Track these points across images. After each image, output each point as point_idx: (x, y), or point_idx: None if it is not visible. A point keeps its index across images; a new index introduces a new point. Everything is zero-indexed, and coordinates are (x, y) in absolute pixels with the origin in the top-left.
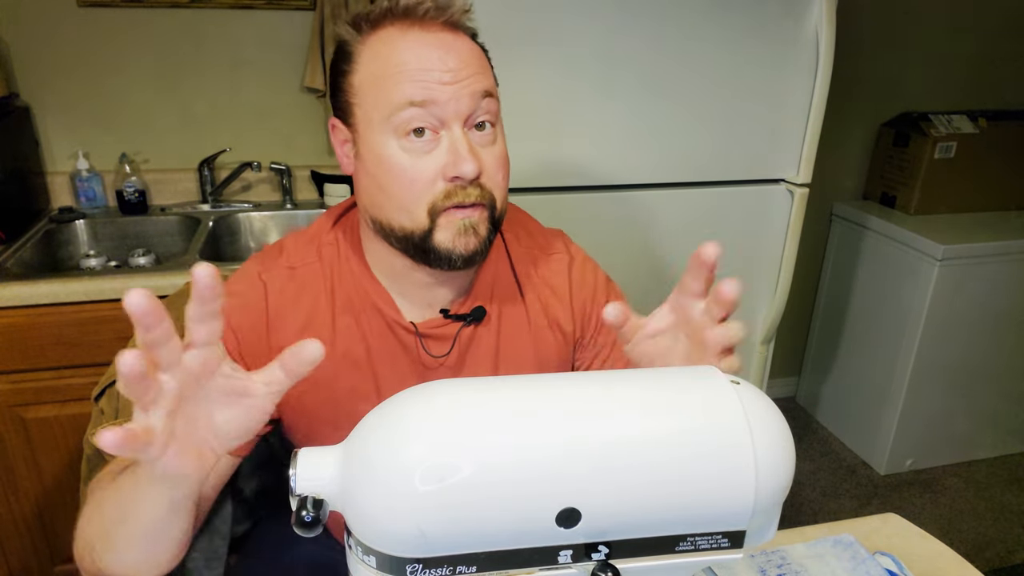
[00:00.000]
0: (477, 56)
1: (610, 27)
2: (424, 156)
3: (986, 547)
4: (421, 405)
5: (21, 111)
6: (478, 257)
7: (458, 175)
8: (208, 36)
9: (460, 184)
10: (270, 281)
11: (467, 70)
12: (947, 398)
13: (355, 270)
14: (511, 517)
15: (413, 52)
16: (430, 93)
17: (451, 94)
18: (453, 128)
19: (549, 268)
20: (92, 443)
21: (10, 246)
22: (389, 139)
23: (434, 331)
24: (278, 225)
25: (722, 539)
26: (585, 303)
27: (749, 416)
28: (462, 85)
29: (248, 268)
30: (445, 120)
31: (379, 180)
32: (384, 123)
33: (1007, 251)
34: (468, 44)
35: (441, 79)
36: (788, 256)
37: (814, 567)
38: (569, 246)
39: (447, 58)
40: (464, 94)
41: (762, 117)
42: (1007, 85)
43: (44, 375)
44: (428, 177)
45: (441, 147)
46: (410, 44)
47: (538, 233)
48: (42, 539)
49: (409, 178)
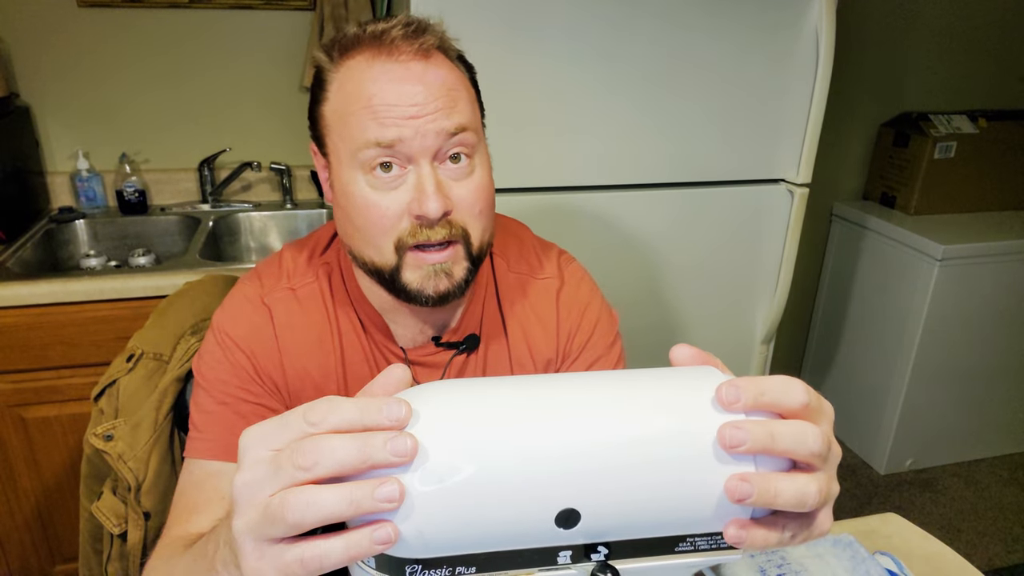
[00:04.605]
0: (451, 86)
1: (610, 27)
2: (390, 192)
3: (986, 547)
4: (420, 405)
5: (21, 111)
6: (451, 297)
7: (422, 214)
8: (208, 36)
9: (425, 223)
10: (273, 305)
11: (435, 103)
12: (947, 398)
13: (351, 292)
14: (510, 518)
15: (379, 85)
16: (395, 132)
17: (416, 129)
18: (421, 164)
19: (537, 294)
20: (92, 443)
21: (10, 246)
22: (356, 174)
23: (425, 359)
24: (278, 225)
25: (722, 539)
26: (571, 330)
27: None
28: (428, 120)
29: (249, 293)
30: (412, 156)
31: (348, 213)
32: (351, 159)
33: (1007, 251)
34: (442, 72)
35: (406, 113)
36: (788, 256)
37: (814, 567)
38: (563, 269)
39: (414, 91)
40: (430, 130)
41: (762, 117)
42: (1007, 85)
43: (44, 375)
44: (394, 213)
45: (408, 183)
46: (376, 76)
47: (531, 251)
48: (42, 539)
49: (376, 214)
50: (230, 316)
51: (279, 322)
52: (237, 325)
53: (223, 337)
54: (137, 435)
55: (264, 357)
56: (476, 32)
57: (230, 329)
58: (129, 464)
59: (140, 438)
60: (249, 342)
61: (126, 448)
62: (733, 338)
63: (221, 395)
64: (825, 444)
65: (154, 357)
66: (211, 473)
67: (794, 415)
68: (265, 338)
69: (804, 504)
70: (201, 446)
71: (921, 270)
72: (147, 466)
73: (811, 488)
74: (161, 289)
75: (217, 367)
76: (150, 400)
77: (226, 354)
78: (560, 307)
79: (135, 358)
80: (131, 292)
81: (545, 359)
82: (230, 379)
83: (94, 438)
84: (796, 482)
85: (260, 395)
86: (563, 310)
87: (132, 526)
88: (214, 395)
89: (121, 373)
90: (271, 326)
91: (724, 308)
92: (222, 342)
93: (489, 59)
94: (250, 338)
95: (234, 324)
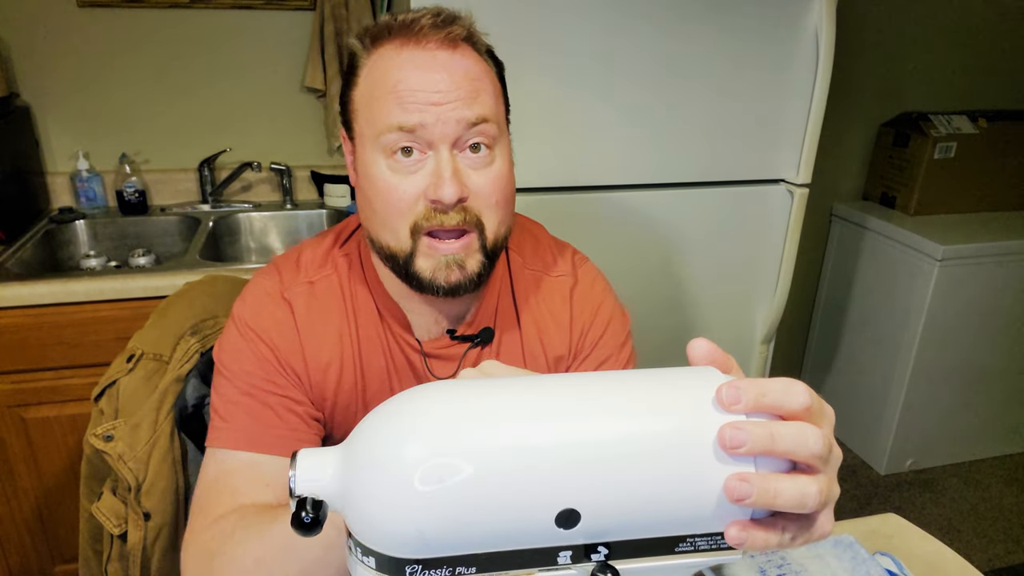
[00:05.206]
0: (475, 76)
1: (610, 27)
2: (409, 176)
3: (986, 547)
4: (421, 405)
5: (21, 111)
6: (463, 289)
7: (437, 199)
8: (208, 36)
9: (440, 208)
10: (293, 299)
11: (457, 92)
12: (947, 398)
13: (370, 284)
14: (510, 518)
15: (405, 72)
16: (416, 117)
17: (437, 116)
18: (440, 150)
19: (551, 291)
20: (92, 443)
21: (10, 246)
22: (378, 157)
23: (441, 351)
24: (278, 225)
25: (722, 540)
26: (584, 327)
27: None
28: (449, 107)
29: (269, 287)
30: (432, 142)
31: (368, 196)
32: (374, 142)
33: (1007, 251)
34: (467, 63)
35: (429, 100)
36: (788, 256)
37: (814, 567)
38: (577, 268)
39: (438, 79)
40: (451, 118)
41: (762, 117)
42: (1007, 85)
43: (44, 375)
44: (411, 197)
45: (426, 168)
46: (403, 63)
47: (547, 249)
48: (42, 539)
49: (394, 197)
50: (252, 310)
51: (300, 317)
52: (260, 319)
53: (246, 329)
54: (137, 435)
55: (287, 351)
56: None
57: (253, 322)
58: (129, 464)
59: (140, 438)
60: (272, 336)
61: (126, 448)
62: (733, 338)
63: (246, 386)
64: (826, 446)
65: (154, 357)
66: (246, 463)
67: (795, 417)
68: (287, 333)
69: (804, 505)
70: (228, 436)
71: (921, 270)
72: (147, 466)
73: (811, 489)
74: (161, 289)
75: (240, 357)
76: (150, 400)
77: (249, 345)
78: (574, 305)
79: (135, 358)
80: (131, 292)
81: (557, 355)
82: (255, 370)
83: (94, 438)
84: (796, 483)
85: (285, 387)
86: (576, 308)
87: (132, 526)
88: (238, 385)
89: (121, 373)
90: (292, 321)
91: (724, 308)
92: (245, 334)
93: None
94: (272, 332)
95: (257, 318)
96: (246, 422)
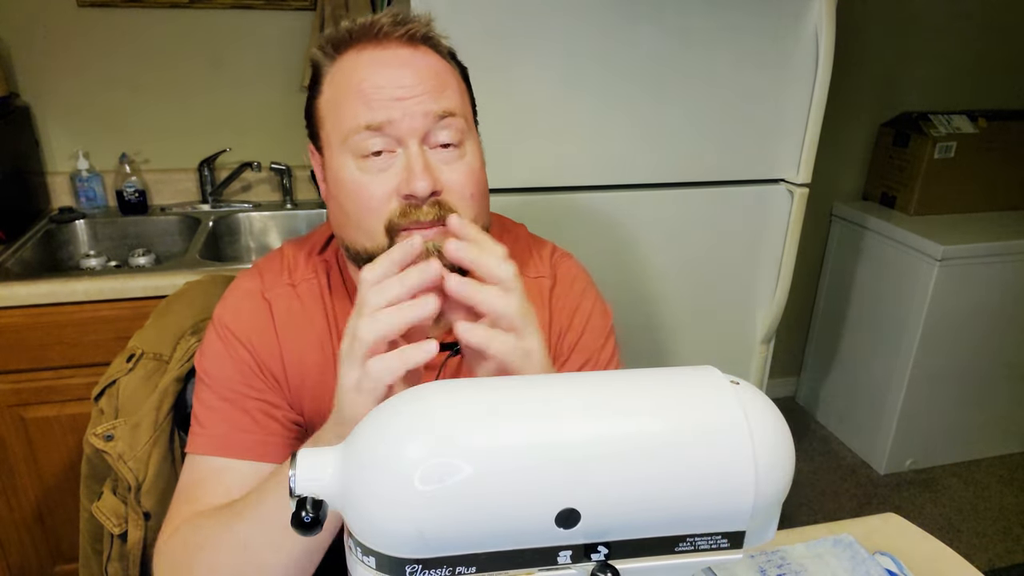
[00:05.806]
0: (438, 73)
1: (610, 27)
2: (380, 174)
3: (986, 547)
4: (420, 405)
5: (21, 111)
6: None
7: (411, 193)
8: (208, 36)
9: (414, 203)
10: (274, 300)
11: (422, 86)
12: (947, 398)
13: (349, 290)
14: (510, 517)
15: (368, 71)
16: (383, 113)
17: (404, 111)
18: (409, 145)
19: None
20: (92, 443)
21: (10, 246)
22: (347, 160)
23: None
24: (278, 225)
25: (722, 539)
26: (562, 330)
27: (748, 416)
28: (415, 101)
29: (249, 287)
30: (400, 138)
31: (340, 201)
32: (342, 145)
33: (1007, 251)
34: (429, 60)
35: (394, 95)
36: (788, 256)
37: (814, 567)
38: (556, 267)
39: (402, 74)
40: (417, 112)
41: (762, 117)
42: (1007, 85)
43: (44, 375)
44: (383, 195)
45: (397, 165)
46: (365, 63)
47: (525, 250)
48: (42, 539)
49: (365, 195)
50: (231, 310)
51: (279, 316)
52: (238, 319)
53: (224, 331)
54: (137, 435)
55: (264, 351)
56: (477, 33)
57: (231, 323)
58: (129, 464)
59: (140, 438)
60: (249, 335)
61: (126, 448)
62: (733, 338)
63: (224, 391)
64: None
65: (154, 357)
66: (214, 469)
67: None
68: (265, 332)
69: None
70: (203, 442)
71: (921, 270)
72: (147, 466)
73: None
74: (161, 289)
75: (219, 362)
76: (150, 400)
77: (228, 348)
78: (552, 307)
79: (135, 358)
80: (131, 292)
81: None
82: (234, 375)
83: (94, 438)
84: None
85: (263, 390)
86: (555, 310)
87: (132, 526)
88: (217, 391)
89: (121, 373)
90: (271, 320)
91: (724, 308)
92: (223, 336)
93: (492, 60)
94: (250, 331)
95: (235, 318)
96: (223, 429)
